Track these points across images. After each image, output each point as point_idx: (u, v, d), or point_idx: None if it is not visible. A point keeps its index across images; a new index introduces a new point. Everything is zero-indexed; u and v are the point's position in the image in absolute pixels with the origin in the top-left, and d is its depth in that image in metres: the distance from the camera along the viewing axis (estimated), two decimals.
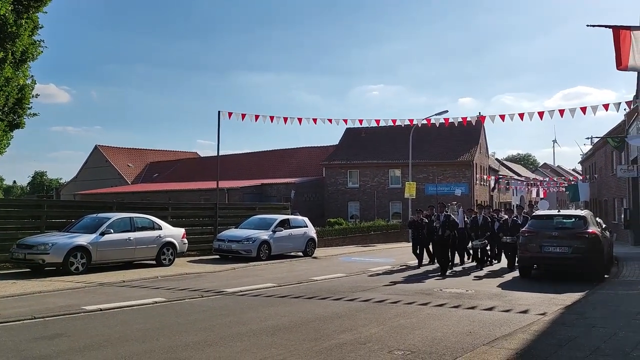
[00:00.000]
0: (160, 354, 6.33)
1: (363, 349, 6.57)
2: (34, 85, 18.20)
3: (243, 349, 6.58)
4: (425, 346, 6.74)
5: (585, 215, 14.23)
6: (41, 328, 7.70)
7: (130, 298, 10.25)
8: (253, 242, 18.02)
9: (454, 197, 35.61)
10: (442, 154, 40.61)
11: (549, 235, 13.36)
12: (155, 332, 7.49)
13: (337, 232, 28.89)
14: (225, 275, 14.49)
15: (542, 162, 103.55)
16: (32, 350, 6.44)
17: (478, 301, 10.25)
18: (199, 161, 58.95)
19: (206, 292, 11.15)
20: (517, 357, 5.96)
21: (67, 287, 11.59)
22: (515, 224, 15.98)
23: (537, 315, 8.78)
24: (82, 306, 9.30)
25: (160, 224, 16.20)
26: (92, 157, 60.52)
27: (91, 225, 14.64)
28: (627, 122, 27.56)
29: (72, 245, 13.57)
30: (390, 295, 11.03)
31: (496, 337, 7.12)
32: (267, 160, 50.78)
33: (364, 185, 42.36)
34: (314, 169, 45.23)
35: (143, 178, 57.98)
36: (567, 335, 7.01)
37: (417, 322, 8.26)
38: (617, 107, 15.61)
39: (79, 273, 13.46)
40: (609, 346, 6.45)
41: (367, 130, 43.83)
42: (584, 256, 12.89)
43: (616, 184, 29.92)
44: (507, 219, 16.65)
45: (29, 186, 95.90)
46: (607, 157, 33.05)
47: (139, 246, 15.13)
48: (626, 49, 8.66)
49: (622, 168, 25.23)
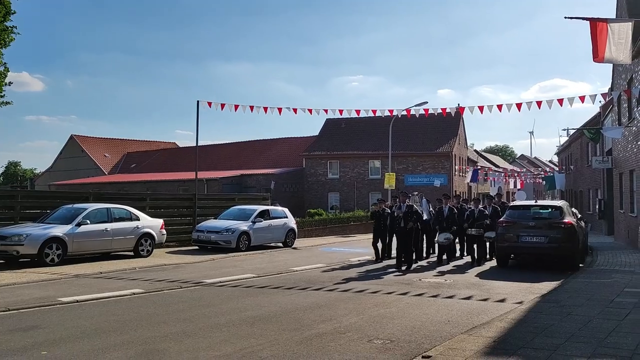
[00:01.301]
0: (137, 345, 6.26)
1: (343, 339, 6.58)
2: (6, 73, 17.79)
3: (222, 339, 6.54)
4: (404, 335, 6.79)
5: (561, 205, 14.45)
6: (16, 320, 7.56)
7: (107, 289, 10.11)
8: (232, 232, 17.93)
9: (434, 188, 35.88)
10: (422, 145, 40.86)
11: (526, 225, 13.56)
12: (132, 323, 7.40)
13: (317, 222, 28.91)
14: (205, 266, 14.40)
15: (520, 154, 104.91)
16: (7, 343, 6.32)
17: (456, 290, 10.36)
18: (177, 151, 58.33)
19: (185, 283, 11.07)
20: (495, 344, 6.03)
21: (43, 279, 11.40)
22: (482, 215, 15.05)
23: (514, 304, 8.91)
24: (58, 298, 9.15)
25: (138, 215, 16.01)
26: (67, 147, 59.45)
27: (67, 216, 14.40)
28: (602, 114, 28.02)
29: (47, 236, 13.34)
30: (370, 285, 11.08)
31: (474, 325, 7.21)
32: (246, 150, 50.50)
33: (344, 176, 42.44)
34: (294, 160, 45.14)
35: (120, 168, 57.21)
36: (544, 322, 7.12)
37: (397, 312, 8.31)
38: (593, 99, 15.80)
39: (54, 264, 13.25)
40: (583, 333, 6.57)
41: (347, 121, 43.86)
42: (560, 246, 13.11)
43: (591, 175, 30.44)
44: (472, 209, 15.40)
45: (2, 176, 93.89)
46: (582, 149, 33.58)
47: (116, 237, 14.93)
48: (603, 41, 8.76)
49: (597, 159, 25.65)
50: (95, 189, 33.75)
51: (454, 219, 15.46)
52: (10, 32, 17.32)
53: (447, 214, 15.57)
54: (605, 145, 26.69)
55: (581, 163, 34.51)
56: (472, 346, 5.94)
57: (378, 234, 15.74)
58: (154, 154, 58.20)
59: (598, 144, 27.98)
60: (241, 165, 45.59)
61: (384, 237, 15.69)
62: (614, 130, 21.25)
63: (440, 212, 15.77)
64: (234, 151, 50.99)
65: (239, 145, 52.69)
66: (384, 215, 15.44)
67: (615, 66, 22.50)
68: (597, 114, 29.73)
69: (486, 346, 5.96)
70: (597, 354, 5.64)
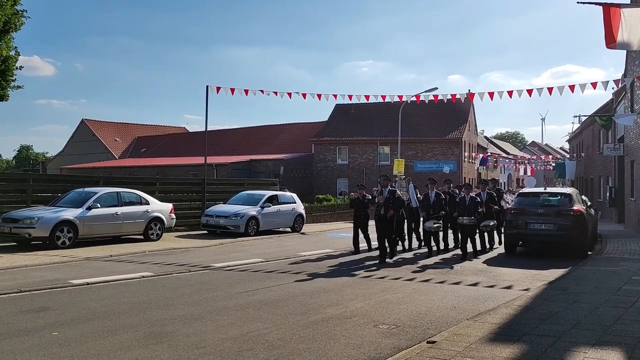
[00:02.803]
0: (146, 327, 6.36)
1: (349, 323, 6.64)
2: (17, 57, 17.83)
3: (229, 322, 6.62)
4: (410, 320, 6.83)
5: (570, 193, 14.37)
6: (27, 301, 7.69)
7: (117, 272, 10.24)
8: (241, 217, 18.02)
9: (443, 174, 35.77)
10: (431, 131, 40.64)
11: (535, 213, 13.51)
12: (142, 306, 7.51)
13: (326, 208, 28.97)
14: (213, 250, 14.51)
15: (531, 140, 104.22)
16: (19, 323, 6.44)
17: (463, 277, 10.38)
18: (187, 136, 58.48)
19: (193, 267, 11.17)
20: (500, 330, 6.06)
21: (54, 261, 11.55)
22: (474, 202, 13.56)
23: (520, 290, 8.92)
24: (69, 280, 9.29)
25: (148, 199, 16.13)
26: (78, 131, 59.79)
27: (78, 200, 14.54)
28: (614, 100, 27.68)
29: (58, 219, 13.49)
30: (377, 270, 11.12)
31: (480, 312, 7.24)
32: (256, 136, 50.51)
33: (353, 162, 42.38)
34: (303, 145, 45.10)
35: (131, 153, 57.49)
36: (549, 310, 7.13)
37: (403, 297, 8.35)
38: (605, 86, 15.60)
39: (65, 247, 13.41)
40: (589, 320, 6.58)
41: (356, 106, 43.67)
42: (568, 233, 13.06)
43: (602, 162, 30.18)
44: (463, 196, 13.87)
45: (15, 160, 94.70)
46: (594, 136, 33.27)
47: (126, 221, 15.07)
48: (615, 27, 8.64)
49: (609, 147, 25.43)
50: (106, 173, 33.97)
51: (441, 205, 13.97)
52: (20, 16, 17.33)
53: (433, 199, 13.99)
54: (617, 132, 26.42)
55: (592, 150, 34.21)
56: (477, 332, 5.98)
57: (358, 223, 14.42)
58: (164, 138, 58.39)
59: (610, 131, 27.71)
60: (250, 151, 45.64)
61: (365, 227, 14.42)
62: (626, 117, 21.03)
63: (426, 198, 14.26)
64: (244, 136, 51.03)
65: (248, 131, 52.70)
66: (365, 203, 14.20)
67: (629, 52, 22.18)
68: (610, 101, 29.38)
69: (491, 332, 5.99)
70: (602, 342, 5.65)
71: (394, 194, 12.81)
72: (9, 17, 16.68)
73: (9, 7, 16.46)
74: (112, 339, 5.83)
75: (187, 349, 5.54)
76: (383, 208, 12.53)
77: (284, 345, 5.70)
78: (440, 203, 13.99)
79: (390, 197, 12.64)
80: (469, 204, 13.52)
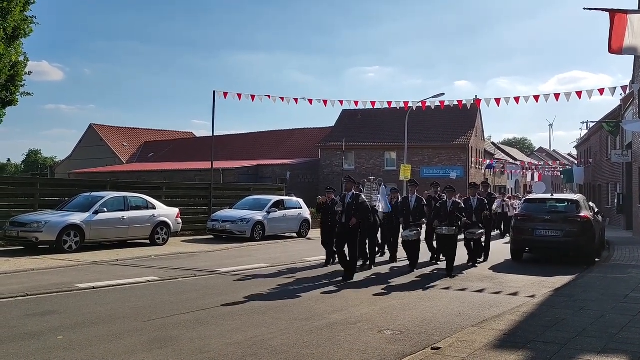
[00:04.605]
0: (151, 331, 6.37)
1: (353, 329, 6.63)
2: (26, 63, 18.01)
3: (234, 327, 6.63)
4: (415, 326, 6.81)
5: (578, 199, 14.30)
6: (33, 305, 7.73)
7: (123, 277, 10.28)
8: (247, 222, 18.05)
9: (449, 181, 35.69)
10: (438, 137, 40.58)
11: (542, 219, 13.45)
12: (147, 310, 7.53)
13: None
14: (219, 255, 14.53)
15: (538, 146, 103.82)
16: (24, 327, 6.47)
17: (469, 283, 10.33)
18: (194, 141, 58.66)
19: (199, 272, 11.19)
20: (505, 337, 6.03)
21: (60, 265, 11.61)
22: (457, 208, 11.70)
23: (526, 297, 8.87)
24: (75, 284, 9.33)
25: (154, 204, 16.19)
26: (86, 136, 60.14)
27: (85, 204, 14.63)
28: (622, 106, 27.54)
29: (65, 223, 13.57)
30: (383, 276, 11.09)
31: (485, 318, 7.21)
32: (262, 141, 50.59)
33: (360, 167, 42.33)
34: (310, 151, 45.14)
35: (138, 157, 57.73)
36: (555, 317, 7.09)
37: (408, 303, 8.33)
38: (613, 92, 15.57)
39: (72, 251, 13.48)
40: (595, 328, 6.53)
41: (363, 112, 43.70)
42: (575, 240, 12.99)
43: (610, 168, 30.01)
44: (445, 200, 12.00)
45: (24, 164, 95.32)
46: (602, 142, 33.09)
47: (132, 225, 15.13)
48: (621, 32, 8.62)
49: (617, 153, 25.28)
50: (113, 178, 34.11)
51: (422, 212, 12.20)
52: (30, 22, 17.51)
53: (413, 205, 12.17)
54: (625, 138, 26.26)
55: (600, 156, 34.02)
56: (482, 339, 5.95)
57: (326, 230, 12.59)
58: (171, 143, 58.62)
59: (617, 137, 27.55)
60: (257, 156, 45.73)
61: (332, 234, 12.05)
62: (634, 123, 20.89)
63: (405, 203, 12.41)
64: (250, 141, 51.13)
65: (255, 136, 52.80)
66: (334, 208, 11.86)
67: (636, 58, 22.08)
68: (618, 107, 29.24)
69: (496, 339, 5.96)
70: (608, 349, 5.61)
71: (358, 199, 10.82)
72: (19, 23, 16.85)
73: (18, 12, 16.63)
74: (116, 343, 5.85)
75: (191, 353, 5.55)
76: (344, 216, 10.68)
77: (288, 350, 5.70)
78: (421, 209, 12.24)
79: (353, 202, 10.71)
80: (450, 210, 11.64)
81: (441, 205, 11.97)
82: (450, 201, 11.77)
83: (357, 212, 10.64)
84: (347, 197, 10.87)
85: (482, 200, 13.49)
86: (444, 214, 11.66)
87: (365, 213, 11.01)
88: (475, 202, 13.10)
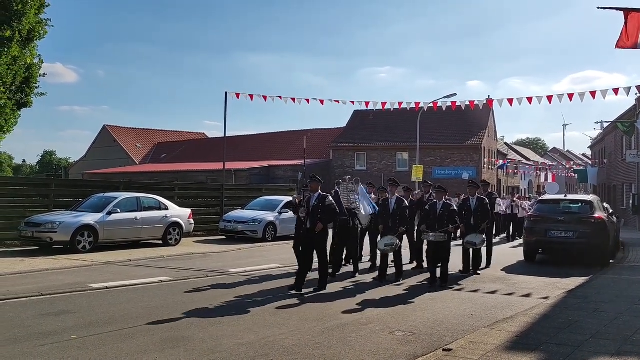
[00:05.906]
0: (163, 331, 6.41)
1: (364, 330, 6.62)
2: (41, 65, 18.25)
3: (245, 328, 6.65)
4: (427, 328, 6.79)
5: (591, 200, 14.16)
6: (48, 305, 7.81)
7: (136, 277, 10.36)
8: (259, 223, 18.09)
9: (462, 181, 35.50)
10: (451, 138, 40.40)
11: (555, 220, 13.34)
12: (159, 310, 7.58)
13: None
14: (231, 255, 14.58)
15: (552, 147, 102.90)
16: (39, 326, 6.55)
17: (481, 284, 10.27)
18: (206, 142, 58.97)
19: (211, 272, 11.24)
20: (517, 339, 5.99)
21: (74, 265, 11.72)
22: (449, 210, 10.29)
23: (539, 299, 8.80)
24: (89, 284, 9.41)
25: (167, 204, 16.29)
26: (100, 137, 60.71)
27: (98, 205, 14.75)
28: (637, 106, 27.24)
29: (79, 224, 13.70)
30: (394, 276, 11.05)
31: (497, 319, 7.17)
32: (274, 141, 50.70)
33: (372, 168, 42.28)
34: (322, 151, 45.15)
35: (151, 158, 58.15)
36: (569, 319, 7.03)
37: (420, 304, 8.30)
38: (628, 92, 15.39)
39: (86, 252, 13.60)
40: (609, 330, 6.47)
41: (375, 112, 43.61)
42: (589, 241, 12.86)
43: (625, 169, 29.68)
44: (433, 202, 10.65)
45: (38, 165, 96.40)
46: (617, 142, 32.74)
47: (145, 226, 15.24)
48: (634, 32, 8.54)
49: (632, 153, 25.02)
50: (126, 179, 34.39)
51: (403, 216, 10.56)
52: (44, 24, 17.72)
53: (393, 208, 10.55)
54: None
55: (615, 157, 33.66)
56: (494, 340, 5.92)
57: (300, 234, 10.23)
58: (183, 144, 58.97)
59: (633, 137, 27.25)
60: (269, 156, 45.84)
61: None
62: None
63: (384, 205, 10.80)
64: (262, 142, 51.26)
65: (267, 137, 52.94)
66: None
67: None
68: (633, 107, 28.92)
69: (508, 340, 5.92)
70: (622, 352, 5.56)
71: (324, 201, 9.37)
72: (33, 26, 17.08)
73: (33, 15, 16.83)
74: (129, 343, 5.90)
75: (202, 353, 5.57)
76: (309, 220, 9.33)
77: (299, 351, 5.71)
78: (402, 213, 10.55)
79: (319, 204, 9.31)
80: (440, 214, 10.29)
81: (430, 208, 10.56)
82: (441, 203, 10.39)
83: (324, 216, 9.26)
84: (312, 199, 9.40)
85: (482, 199, 11.95)
86: (433, 217, 10.30)
87: (332, 216, 9.59)
88: (474, 203, 11.76)
